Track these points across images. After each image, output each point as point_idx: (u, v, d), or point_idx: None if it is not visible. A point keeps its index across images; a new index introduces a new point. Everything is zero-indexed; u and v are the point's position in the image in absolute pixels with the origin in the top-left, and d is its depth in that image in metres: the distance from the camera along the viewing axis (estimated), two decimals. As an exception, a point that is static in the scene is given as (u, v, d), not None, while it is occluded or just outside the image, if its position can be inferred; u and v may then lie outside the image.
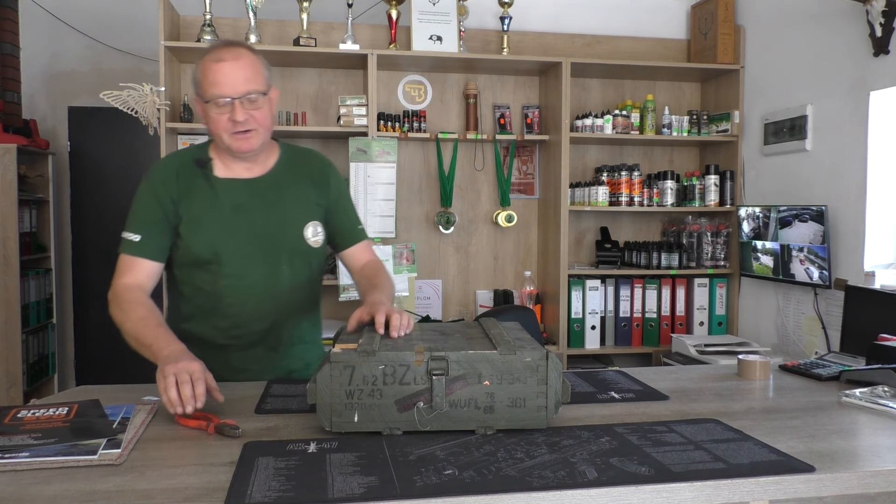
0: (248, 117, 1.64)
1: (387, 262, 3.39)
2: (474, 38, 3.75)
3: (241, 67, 1.63)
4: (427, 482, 1.07)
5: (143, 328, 1.55)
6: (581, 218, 3.90)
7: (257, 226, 1.73)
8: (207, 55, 1.66)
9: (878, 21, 2.77)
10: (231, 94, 1.61)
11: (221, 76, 1.61)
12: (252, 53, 1.68)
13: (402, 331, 1.43)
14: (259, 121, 1.67)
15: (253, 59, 1.66)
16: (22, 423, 1.32)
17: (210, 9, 3.27)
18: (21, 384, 3.66)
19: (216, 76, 1.61)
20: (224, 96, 1.61)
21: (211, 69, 1.62)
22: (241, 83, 1.62)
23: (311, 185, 1.81)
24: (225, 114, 1.63)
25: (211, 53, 1.66)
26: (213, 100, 1.62)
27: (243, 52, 1.66)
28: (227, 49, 1.65)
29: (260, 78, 1.66)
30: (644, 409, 1.50)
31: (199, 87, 1.66)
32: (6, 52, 3.83)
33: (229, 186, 1.73)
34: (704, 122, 3.78)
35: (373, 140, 3.39)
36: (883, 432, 1.34)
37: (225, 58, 1.62)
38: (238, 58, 1.63)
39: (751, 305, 3.67)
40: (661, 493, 1.08)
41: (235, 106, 1.62)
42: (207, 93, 1.63)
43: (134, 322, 1.57)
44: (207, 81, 1.62)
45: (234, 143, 1.66)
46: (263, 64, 1.69)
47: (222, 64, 1.62)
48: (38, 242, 4.03)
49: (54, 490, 1.06)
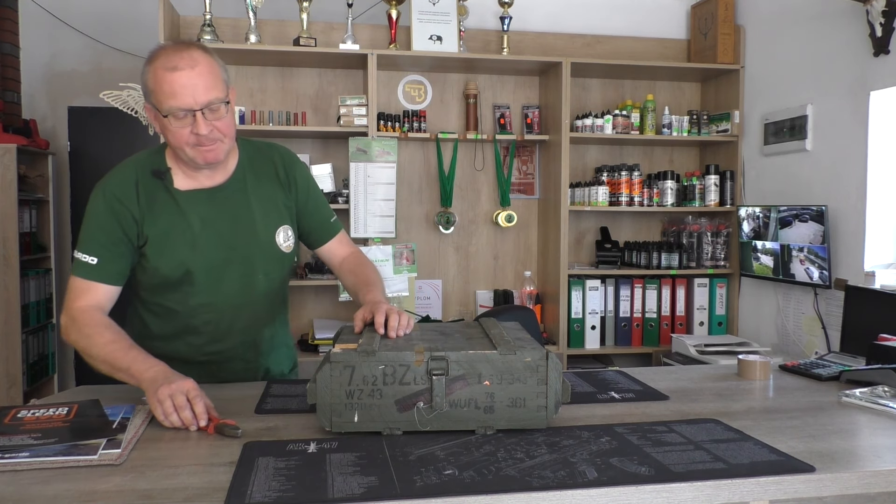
0: (212, 128, 1.51)
1: (387, 262, 3.39)
2: (474, 38, 3.75)
3: (200, 75, 1.48)
4: (427, 482, 1.07)
5: (114, 351, 1.45)
6: (581, 218, 3.90)
7: (227, 238, 1.63)
8: (157, 61, 1.49)
9: (878, 21, 2.77)
10: (191, 107, 1.48)
11: (179, 87, 1.46)
12: (207, 56, 1.53)
13: (402, 331, 1.43)
14: (223, 130, 1.54)
15: (210, 64, 1.51)
16: (22, 423, 1.32)
17: (210, 9, 3.27)
18: (21, 384, 3.65)
19: (173, 87, 1.46)
20: (183, 109, 1.48)
21: (166, 79, 1.47)
22: (201, 93, 1.48)
23: (278, 185, 1.71)
24: (186, 127, 1.50)
25: (161, 59, 1.49)
26: (172, 113, 1.48)
27: (198, 55, 1.50)
28: (179, 54, 1.48)
29: (220, 83, 1.52)
30: (644, 409, 1.50)
31: (153, 96, 1.51)
32: (6, 52, 3.83)
33: (193, 199, 1.61)
34: (704, 122, 3.78)
35: (373, 140, 3.39)
36: (883, 432, 1.35)
37: (180, 65, 1.47)
38: (194, 64, 1.48)
39: (751, 305, 3.67)
40: (661, 493, 1.08)
41: (198, 119, 1.49)
42: (164, 105, 1.48)
43: (102, 346, 1.47)
44: (162, 92, 1.48)
45: (198, 157, 1.54)
46: (220, 66, 1.55)
47: (178, 73, 1.46)
48: (38, 242, 4.03)
49: (54, 490, 1.06)
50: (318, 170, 3.54)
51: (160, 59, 1.49)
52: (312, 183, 1.80)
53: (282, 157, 1.75)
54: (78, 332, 1.51)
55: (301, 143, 3.64)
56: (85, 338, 1.49)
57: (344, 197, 3.43)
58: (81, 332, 1.50)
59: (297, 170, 1.75)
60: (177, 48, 1.51)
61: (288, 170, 1.73)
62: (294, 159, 1.78)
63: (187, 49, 1.51)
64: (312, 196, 1.78)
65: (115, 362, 1.44)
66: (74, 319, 1.53)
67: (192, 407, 1.33)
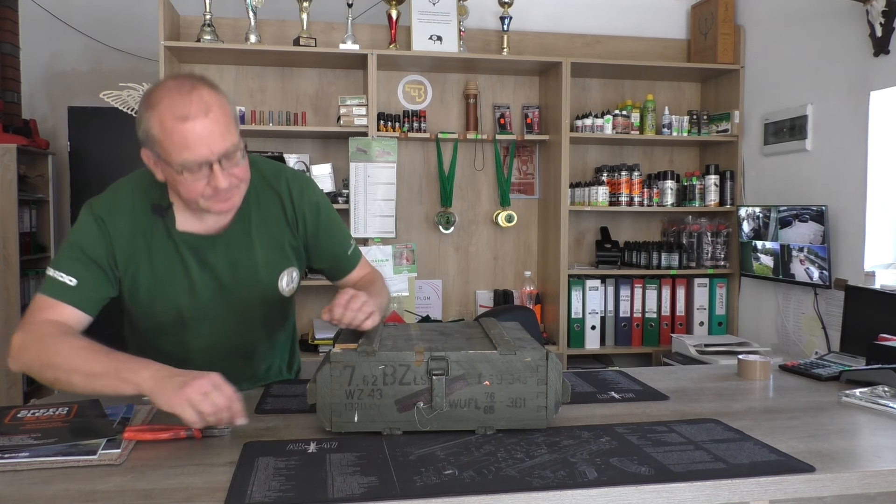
0: (230, 178, 1.37)
1: (387, 262, 3.39)
2: (474, 38, 3.75)
3: (215, 122, 1.32)
4: (427, 482, 1.07)
5: (89, 355, 1.27)
6: (581, 218, 3.90)
7: (227, 285, 1.51)
8: (162, 106, 1.31)
9: (878, 21, 2.77)
10: (208, 158, 1.32)
11: (192, 137, 1.30)
12: (217, 94, 1.36)
13: (351, 313, 1.33)
14: (240, 176, 1.40)
15: (222, 105, 1.35)
16: (22, 423, 1.32)
17: (210, 9, 3.27)
18: (21, 384, 3.65)
19: (185, 138, 1.30)
20: (199, 161, 1.32)
21: (176, 130, 1.30)
22: (217, 142, 1.32)
23: (285, 224, 1.56)
24: (201, 180, 1.34)
25: (167, 105, 1.31)
26: (186, 167, 1.33)
27: (208, 96, 1.33)
28: (188, 98, 1.31)
29: (233, 126, 1.37)
30: (644, 409, 1.50)
31: (159, 146, 1.33)
32: (6, 52, 3.83)
33: (194, 242, 1.48)
34: (704, 122, 3.78)
35: (373, 140, 3.39)
36: (883, 432, 1.34)
37: (191, 113, 1.30)
38: (207, 110, 1.31)
39: (751, 305, 3.67)
40: (661, 493, 1.08)
41: (215, 171, 1.34)
42: (175, 158, 1.32)
43: (71, 353, 1.27)
44: (172, 144, 1.31)
45: (213, 207, 1.40)
46: (230, 104, 1.39)
47: (191, 123, 1.30)
48: (38, 242, 4.03)
49: (54, 490, 1.06)
50: (318, 170, 3.54)
51: (165, 106, 1.31)
52: (324, 216, 1.61)
53: (290, 190, 1.56)
54: (38, 344, 1.31)
55: (301, 143, 3.64)
56: (46, 348, 1.30)
57: (344, 197, 3.43)
58: (42, 343, 1.31)
59: (306, 203, 1.57)
60: (181, 90, 1.33)
61: (297, 204, 1.56)
62: (303, 190, 1.58)
63: (194, 89, 1.33)
64: (324, 231, 1.61)
65: (93, 367, 1.26)
66: (31, 332, 1.33)
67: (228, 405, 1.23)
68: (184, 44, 3.26)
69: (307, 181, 1.62)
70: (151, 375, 1.24)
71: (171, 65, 3.28)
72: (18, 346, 1.33)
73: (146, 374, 1.24)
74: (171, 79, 1.36)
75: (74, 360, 1.27)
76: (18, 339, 1.34)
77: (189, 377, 1.22)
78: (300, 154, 3.58)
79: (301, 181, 1.60)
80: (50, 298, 1.38)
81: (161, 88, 1.35)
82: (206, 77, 1.41)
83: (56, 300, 1.38)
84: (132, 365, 1.26)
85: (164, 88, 1.34)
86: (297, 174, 1.62)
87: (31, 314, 1.38)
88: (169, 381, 1.22)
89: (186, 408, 1.19)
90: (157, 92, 1.34)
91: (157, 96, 1.33)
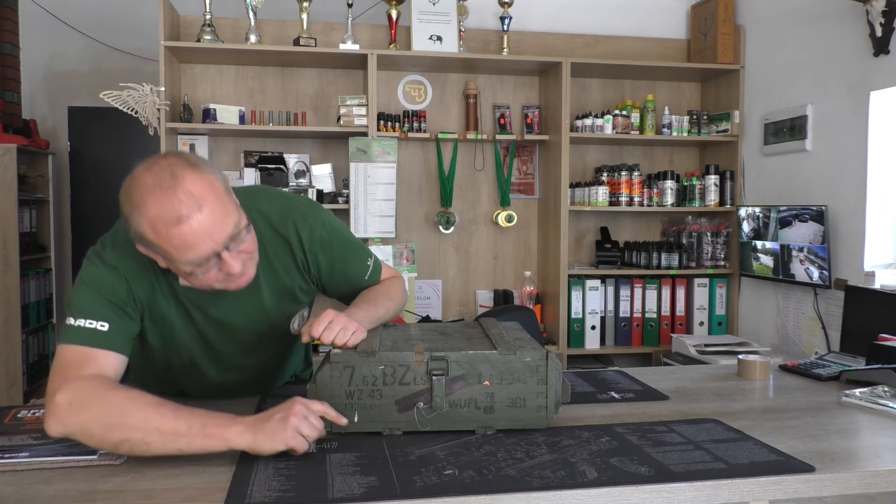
0: (241, 257, 1.28)
1: (386, 262, 3.38)
2: (474, 38, 3.75)
3: (210, 213, 1.20)
4: (427, 482, 1.07)
5: (167, 412, 1.15)
6: (581, 218, 3.90)
7: (236, 333, 1.46)
8: (150, 211, 1.18)
9: (878, 21, 2.77)
10: (214, 250, 1.22)
11: (192, 237, 1.19)
12: (203, 178, 1.21)
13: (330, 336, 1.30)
14: (250, 249, 1.30)
15: (213, 189, 1.22)
16: (22, 423, 1.32)
17: (210, 9, 3.27)
18: (21, 384, 3.66)
19: (184, 240, 1.19)
20: (206, 256, 1.22)
21: (173, 235, 1.18)
22: (219, 231, 1.22)
23: (295, 270, 1.47)
24: (212, 269, 1.25)
25: (155, 209, 1.18)
26: (193, 264, 1.23)
27: (195, 187, 1.19)
28: (176, 198, 1.17)
29: (231, 205, 1.25)
30: (644, 409, 1.50)
31: (158, 248, 1.22)
32: (6, 52, 3.83)
33: (198, 300, 1.40)
34: (704, 122, 3.78)
35: (373, 140, 3.39)
36: (883, 432, 1.34)
37: (184, 213, 1.17)
38: (200, 205, 1.19)
39: (751, 305, 3.67)
40: (661, 493, 1.08)
41: (224, 258, 1.24)
42: (179, 258, 1.22)
43: (143, 412, 1.14)
44: (172, 247, 1.20)
45: (231, 287, 1.31)
46: (219, 177, 1.25)
47: (186, 224, 1.18)
48: (38, 242, 4.03)
49: (54, 490, 1.06)
50: (317, 170, 3.55)
51: (153, 210, 1.18)
52: (337, 250, 1.50)
53: (298, 234, 1.44)
54: (98, 403, 1.16)
55: (301, 143, 3.64)
56: (110, 408, 1.15)
57: (344, 197, 3.43)
58: (104, 402, 1.16)
59: (316, 244, 1.46)
60: (163, 186, 1.18)
61: (307, 247, 1.46)
62: (312, 230, 1.46)
63: (177, 182, 1.19)
64: (338, 267, 1.51)
65: (174, 425, 1.13)
66: (84, 390, 1.18)
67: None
68: (184, 44, 3.26)
69: (315, 217, 1.48)
70: (244, 429, 1.14)
71: (171, 65, 3.28)
72: (67, 406, 1.16)
73: (238, 429, 1.14)
74: (147, 171, 1.20)
75: (151, 420, 1.13)
76: (64, 398, 1.16)
77: (281, 412, 1.17)
78: (300, 154, 3.58)
79: (308, 220, 1.46)
80: (84, 348, 1.25)
81: (140, 187, 1.20)
82: (182, 154, 1.27)
83: (92, 348, 1.25)
84: (219, 419, 1.15)
85: (143, 187, 1.19)
86: (304, 212, 1.47)
87: (68, 369, 1.22)
88: (266, 425, 1.15)
89: (296, 438, 1.15)
90: (137, 191, 1.20)
91: (138, 197, 1.19)
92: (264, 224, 1.41)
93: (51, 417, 1.16)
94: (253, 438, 1.14)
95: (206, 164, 1.26)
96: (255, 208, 1.38)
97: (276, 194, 1.50)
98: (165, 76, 3.19)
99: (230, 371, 1.51)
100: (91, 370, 1.22)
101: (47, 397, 1.17)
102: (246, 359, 1.51)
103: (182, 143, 3.43)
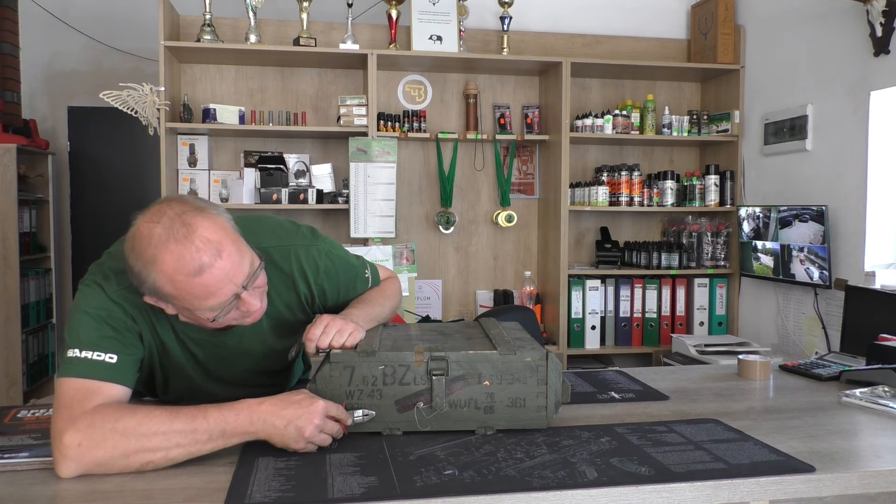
0: (257, 292, 1.28)
1: (387, 263, 3.39)
2: (474, 37, 3.75)
3: (229, 257, 1.19)
4: (427, 482, 1.07)
5: (178, 425, 1.14)
6: (581, 218, 3.90)
7: (237, 365, 1.45)
8: (171, 266, 1.16)
9: (878, 21, 2.77)
10: (234, 292, 1.22)
11: (214, 284, 1.19)
12: (215, 222, 1.21)
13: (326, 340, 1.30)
14: (263, 283, 1.31)
15: (226, 232, 1.21)
16: (22, 423, 1.32)
17: (210, 9, 3.27)
18: (21, 384, 3.66)
19: (207, 289, 1.19)
20: (228, 299, 1.22)
21: (195, 285, 1.18)
22: (237, 273, 1.21)
23: (298, 307, 1.46)
24: (232, 310, 1.25)
25: (176, 264, 1.16)
26: (215, 310, 1.23)
27: (211, 233, 1.19)
28: (194, 247, 1.16)
29: (243, 245, 1.24)
30: (644, 409, 1.50)
31: (177, 300, 1.21)
32: (6, 52, 3.83)
33: (200, 340, 1.39)
34: (704, 122, 3.78)
35: (373, 140, 3.39)
36: (883, 432, 1.34)
37: (205, 263, 1.17)
38: (219, 251, 1.18)
39: (751, 305, 3.67)
40: (661, 493, 1.08)
41: (244, 299, 1.24)
42: (201, 306, 1.21)
43: (161, 428, 1.13)
44: (194, 297, 1.19)
45: (247, 322, 1.32)
46: (227, 218, 1.25)
47: (208, 273, 1.17)
48: (38, 242, 4.03)
49: (54, 490, 1.06)
50: (317, 170, 3.54)
51: (170, 264, 1.16)
52: (342, 276, 1.50)
53: (304, 272, 1.44)
54: (113, 435, 1.12)
55: (301, 143, 3.64)
56: (127, 435, 1.12)
57: (344, 197, 3.43)
58: (117, 431, 1.12)
59: (322, 277, 1.46)
60: (177, 237, 1.16)
61: (312, 284, 1.45)
62: (317, 265, 1.45)
63: (192, 231, 1.17)
64: (343, 291, 1.52)
65: (197, 437, 1.14)
66: (93, 426, 1.13)
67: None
68: (184, 44, 3.26)
69: (317, 250, 1.46)
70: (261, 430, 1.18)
71: (171, 65, 3.28)
72: (77, 448, 1.11)
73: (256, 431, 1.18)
74: (154, 224, 1.18)
75: (171, 437, 1.13)
76: (73, 439, 1.11)
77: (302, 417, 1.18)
78: (300, 154, 3.58)
79: (312, 254, 1.45)
80: (91, 381, 1.20)
81: (151, 241, 1.17)
82: (184, 199, 1.24)
83: (100, 381, 1.20)
84: (236, 423, 1.17)
85: (155, 241, 1.16)
86: (306, 246, 1.45)
87: (74, 406, 1.16)
88: (283, 430, 1.18)
89: (306, 448, 1.20)
90: (148, 247, 1.17)
91: (150, 252, 1.16)
92: (267, 261, 1.35)
93: (62, 460, 1.11)
94: (268, 437, 1.19)
95: (211, 205, 1.25)
96: (257, 246, 1.33)
97: (275, 227, 1.48)
98: (165, 76, 3.19)
99: (228, 389, 1.49)
100: (96, 402, 1.18)
101: (53, 438, 1.13)
102: (246, 379, 1.50)
103: (182, 142, 3.43)
